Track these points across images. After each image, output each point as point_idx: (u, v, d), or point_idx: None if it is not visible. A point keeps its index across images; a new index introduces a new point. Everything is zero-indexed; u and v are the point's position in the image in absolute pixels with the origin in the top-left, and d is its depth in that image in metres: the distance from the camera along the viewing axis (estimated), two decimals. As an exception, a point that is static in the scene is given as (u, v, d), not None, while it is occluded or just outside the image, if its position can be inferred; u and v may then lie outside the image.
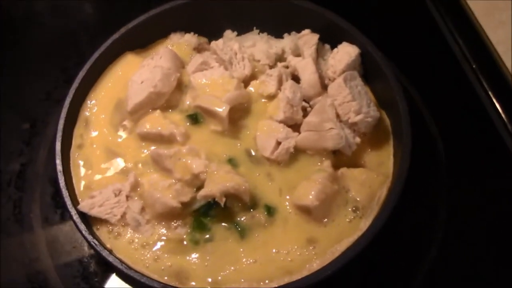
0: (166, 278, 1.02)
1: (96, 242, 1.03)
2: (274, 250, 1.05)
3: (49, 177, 1.29)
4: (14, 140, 1.35)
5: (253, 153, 1.14)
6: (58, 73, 1.41)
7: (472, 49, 1.39)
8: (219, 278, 1.02)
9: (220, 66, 1.22)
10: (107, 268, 1.14)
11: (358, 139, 1.14)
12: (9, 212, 1.25)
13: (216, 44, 1.25)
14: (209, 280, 1.03)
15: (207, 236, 1.06)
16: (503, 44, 1.42)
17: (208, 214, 1.07)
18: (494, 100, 1.31)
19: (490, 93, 1.33)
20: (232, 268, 1.03)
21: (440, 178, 1.26)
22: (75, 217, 1.06)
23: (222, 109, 1.12)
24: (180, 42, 1.31)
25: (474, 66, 1.37)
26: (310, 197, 1.05)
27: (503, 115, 1.29)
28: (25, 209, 1.25)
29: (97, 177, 1.14)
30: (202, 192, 1.05)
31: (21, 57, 1.48)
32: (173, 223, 1.08)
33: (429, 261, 1.17)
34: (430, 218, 1.21)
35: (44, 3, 1.61)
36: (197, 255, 1.05)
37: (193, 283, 1.02)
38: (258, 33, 1.33)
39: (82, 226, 1.05)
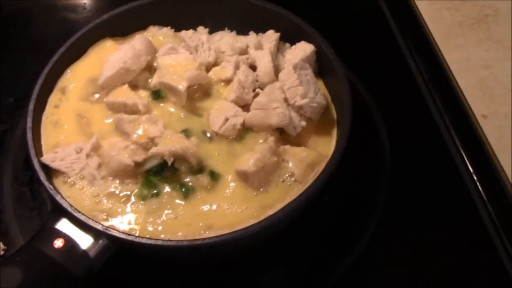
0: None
1: (52, 187, 1.13)
2: (206, 208, 1.14)
3: (25, 145, 1.39)
4: (-1, 112, 1.48)
5: (206, 129, 1.25)
6: (48, 56, 1.53)
7: (426, 63, 1.51)
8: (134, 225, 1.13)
9: (187, 52, 1.34)
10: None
11: (303, 123, 1.25)
12: (-16, 170, 1.37)
13: (185, 33, 1.38)
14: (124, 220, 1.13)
15: (154, 191, 1.16)
16: (457, 64, 1.54)
17: (158, 174, 1.17)
18: (441, 108, 1.43)
19: (438, 102, 1.44)
20: (147, 219, 1.13)
21: (384, 171, 1.35)
22: (36, 165, 1.16)
23: (181, 86, 1.24)
24: (157, 34, 1.45)
25: (426, 78, 1.48)
26: (249, 163, 1.15)
27: (448, 122, 1.40)
28: (-2, 168, 1.37)
29: (63, 136, 1.25)
30: (152, 150, 1.15)
31: (14, 46, 1.64)
32: (126, 180, 1.18)
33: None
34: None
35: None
36: (136, 205, 1.15)
37: (110, 223, 1.13)
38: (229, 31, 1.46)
39: (41, 174, 1.15)
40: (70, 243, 1.07)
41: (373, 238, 1.25)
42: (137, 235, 1.11)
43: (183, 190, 1.16)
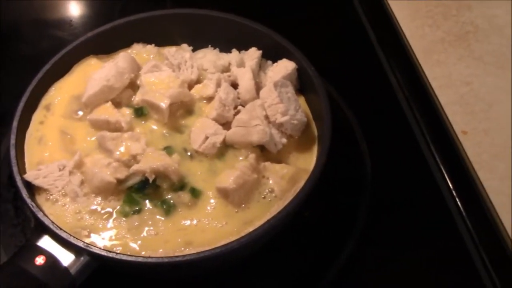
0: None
1: (34, 205, 1.15)
2: (186, 223, 1.16)
3: (9, 162, 1.41)
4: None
5: (187, 147, 1.26)
6: (34, 73, 1.53)
7: (407, 80, 1.54)
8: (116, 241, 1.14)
9: (169, 70, 1.36)
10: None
11: (284, 140, 1.26)
12: (-32, 187, 1.38)
13: (169, 51, 1.39)
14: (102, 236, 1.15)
15: (136, 208, 1.18)
16: (438, 80, 1.56)
17: (139, 192, 1.19)
18: (422, 124, 1.45)
19: (419, 118, 1.46)
20: (129, 235, 1.15)
21: (365, 187, 1.37)
22: (19, 183, 1.18)
23: (163, 103, 1.25)
24: (141, 51, 1.47)
25: (407, 94, 1.51)
26: (229, 181, 1.16)
27: (428, 138, 1.43)
28: (-18, 186, 1.38)
29: (47, 153, 1.26)
30: (134, 167, 1.17)
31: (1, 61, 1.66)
32: (108, 197, 1.19)
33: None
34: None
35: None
36: (118, 222, 1.16)
37: (92, 240, 1.14)
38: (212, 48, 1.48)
39: (24, 191, 1.17)
40: (51, 260, 1.08)
41: (353, 254, 1.26)
42: (118, 251, 1.12)
43: (164, 207, 1.17)
